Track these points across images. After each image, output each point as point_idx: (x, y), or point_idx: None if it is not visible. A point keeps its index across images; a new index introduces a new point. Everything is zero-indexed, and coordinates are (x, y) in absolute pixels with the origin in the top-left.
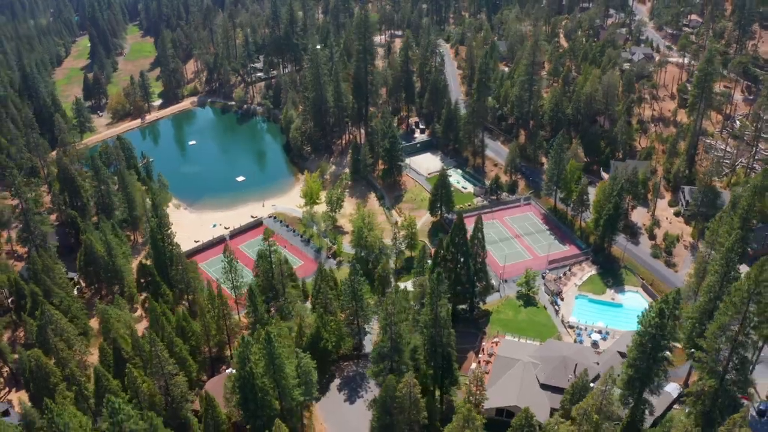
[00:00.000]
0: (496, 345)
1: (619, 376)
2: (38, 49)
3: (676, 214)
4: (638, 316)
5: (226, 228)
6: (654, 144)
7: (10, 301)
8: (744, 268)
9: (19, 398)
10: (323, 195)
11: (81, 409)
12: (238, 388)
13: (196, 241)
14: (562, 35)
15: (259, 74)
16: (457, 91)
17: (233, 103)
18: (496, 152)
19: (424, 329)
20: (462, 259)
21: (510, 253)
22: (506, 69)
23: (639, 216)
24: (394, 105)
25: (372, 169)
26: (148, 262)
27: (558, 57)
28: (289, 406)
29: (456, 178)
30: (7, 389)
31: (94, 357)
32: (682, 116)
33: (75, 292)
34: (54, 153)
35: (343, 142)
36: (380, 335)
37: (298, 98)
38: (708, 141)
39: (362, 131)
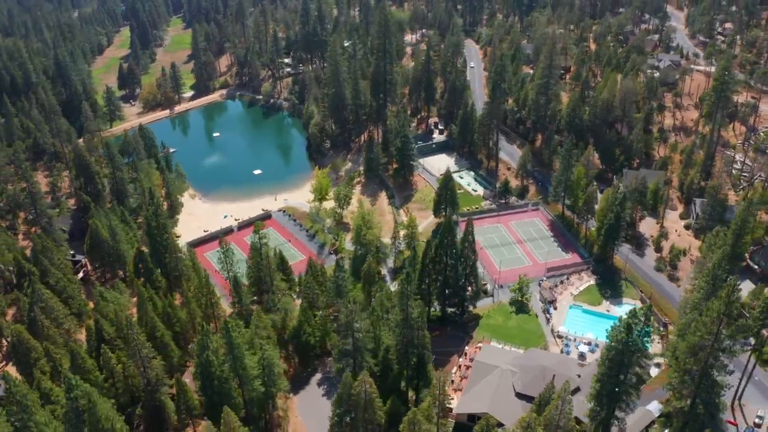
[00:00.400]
0: (479, 350)
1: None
2: (79, 37)
3: (687, 227)
4: (606, 330)
5: (236, 219)
6: (670, 154)
7: (14, 278)
8: (748, 286)
9: (6, 372)
10: (333, 191)
11: (58, 384)
12: (198, 375)
13: (204, 231)
14: (591, 40)
15: (288, 70)
16: (480, 93)
17: (260, 97)
18: (512, 156)
19: (395, 329)
20: (451, 262)
21: (510, 258)
22: (531, 72)
23: (648, 227)
24: (415, 105)
25: (385, 168)
26: (145, 249)
27: (582, 61)
28: (249, 397)
29: (467, 180)
30: (4, 362)
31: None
32: (706, 126)
33: (81, 274)
34: (81, 140)
35: (363, 139)
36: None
37: (320, 94)
38: (728, 153)
39: (380, 130)
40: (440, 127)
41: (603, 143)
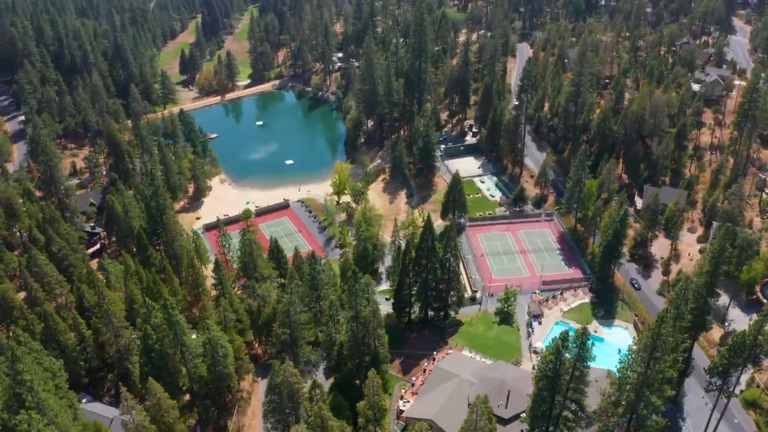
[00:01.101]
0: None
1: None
2: (151, 22)
3: (701, 252)
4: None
5: (256, 206)
6: (699, 173)
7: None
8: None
9: None
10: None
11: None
12: (142, 347)
13: (225, 215)
14: (644, 50)
15: (340, 64)
16: None
17: (309, 89)
18: (538, 163)
19: (346, 325)
20: (430, 266)
21: (509, 267)
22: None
23: (660, 248)
24: (452, 106)
25: (410, 167)
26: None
27: (625, 71)
28: (194, 374)
29: (488, 185)
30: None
31: None
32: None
33: (97, 246)
34: (128, 120)
35: (397, 137)
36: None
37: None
38: (762, 175)
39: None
40: (474, 129)
41: (628, 156)
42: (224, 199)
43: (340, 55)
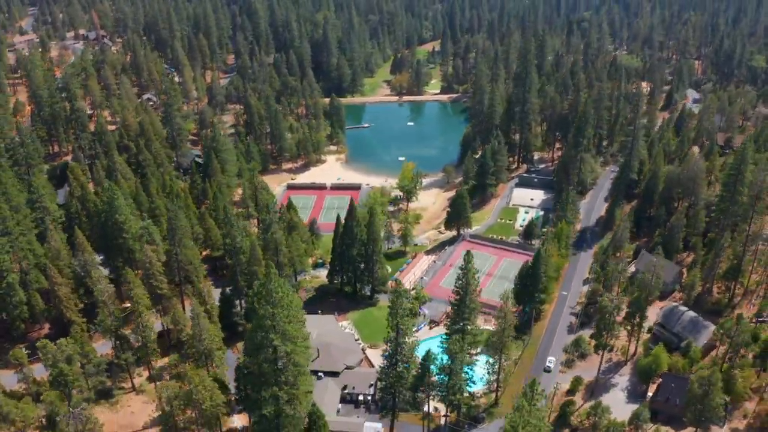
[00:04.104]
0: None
1: None
2: (397, 28)
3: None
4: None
5: (338, 180)
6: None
7: None
8: None
9: None
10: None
11: None
12: None
13: (312, 183)
14: None
15: None
16: None
17: (465, 100)
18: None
19: None
20: (349, 242)
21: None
22: None
23: None
24: (553, 137)
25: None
26: None
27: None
28: None
29: (526, 217)
30: None
31: None
32: None
33: None
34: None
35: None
36: None
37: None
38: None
39: None
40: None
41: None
42: (327, 172)
43: None
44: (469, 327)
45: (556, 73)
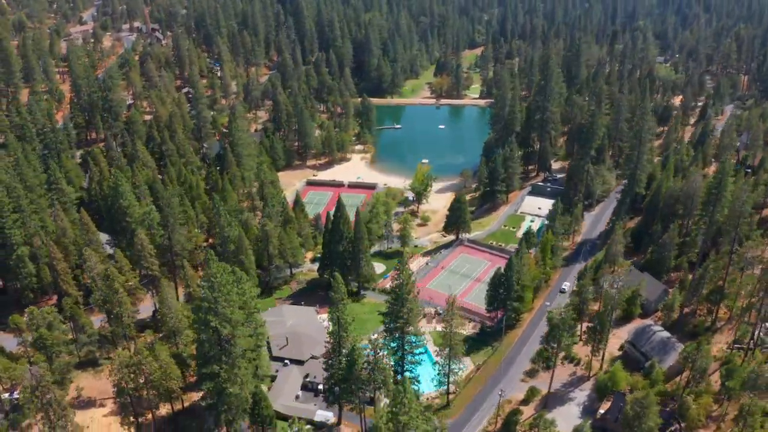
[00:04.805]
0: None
1: None
2: (449, 29)
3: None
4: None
5: (357, 178)
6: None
7: None
8: None
9: None
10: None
11: None
12: None
13: (332, 179)
14: None
15: None
16: None
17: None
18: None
19: None
20: (337, 238)
21: (449, 284)
22: None
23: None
24: (571, 147)
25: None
26: None
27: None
28: None
29: (530, 225)
30: None
31: None
32: None
33: None
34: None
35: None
36: None
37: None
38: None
39: None
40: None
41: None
42: (350, 170)
43: None
44: (408, 328)
45: (592, 83)
